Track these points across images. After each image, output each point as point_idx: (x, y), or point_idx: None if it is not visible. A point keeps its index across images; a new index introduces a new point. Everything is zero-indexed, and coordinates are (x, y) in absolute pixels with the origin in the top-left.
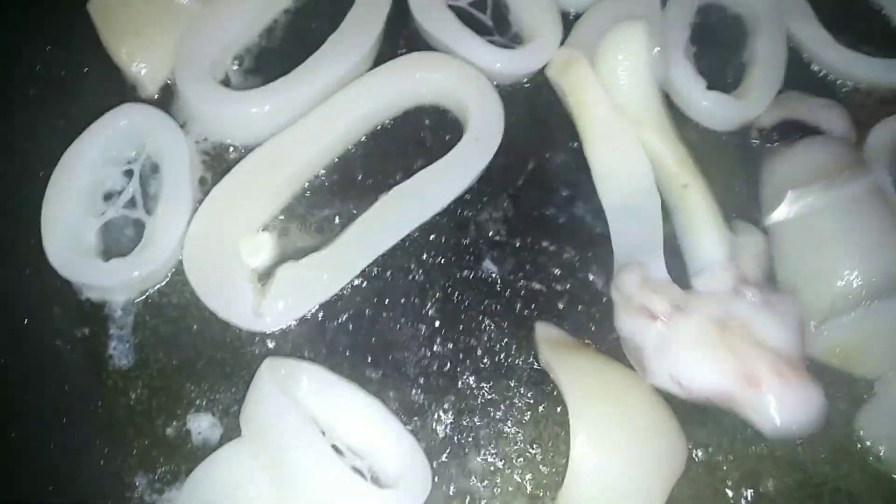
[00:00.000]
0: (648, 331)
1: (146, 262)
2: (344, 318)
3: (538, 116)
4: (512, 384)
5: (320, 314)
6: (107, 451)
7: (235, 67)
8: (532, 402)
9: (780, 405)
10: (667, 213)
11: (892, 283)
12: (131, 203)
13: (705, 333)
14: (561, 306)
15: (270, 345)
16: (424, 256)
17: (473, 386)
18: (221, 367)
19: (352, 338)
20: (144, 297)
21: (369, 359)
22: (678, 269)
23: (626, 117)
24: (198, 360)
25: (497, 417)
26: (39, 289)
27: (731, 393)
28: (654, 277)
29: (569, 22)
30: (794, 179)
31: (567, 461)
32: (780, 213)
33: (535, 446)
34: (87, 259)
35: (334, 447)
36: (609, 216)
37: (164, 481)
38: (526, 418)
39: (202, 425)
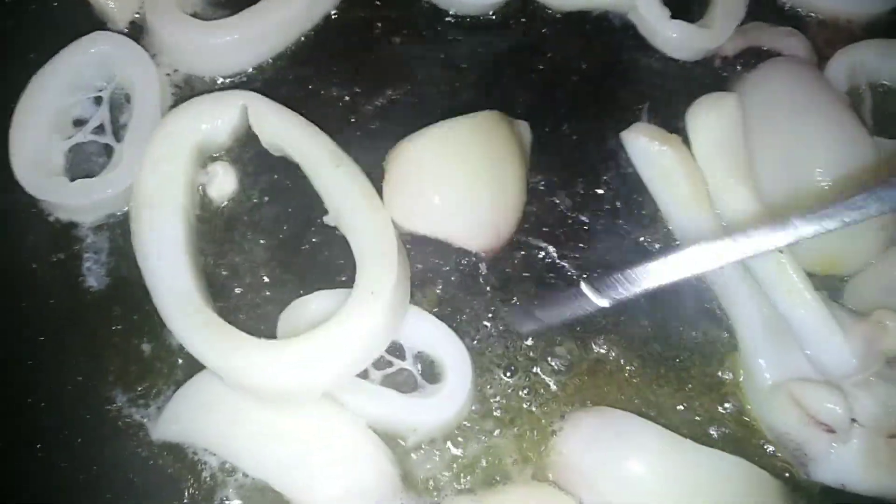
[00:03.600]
0: (818, 438)
1: (112, 184)
2: None
3: (507, 46)
4: None
5: None
6: (85, 369)
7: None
8: None
9: None
10: None
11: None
12: (100, 129)
13: (876, 450)
14: (528, 226)
15: None
16: None
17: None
18: None
19: None
20: (118, 220)
21: None
22: None
23: (717, 175)
24: None
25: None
26: (13, 216)
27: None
28: (812, 378)
29: None
30: (759, 100)
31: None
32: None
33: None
34: (55, 178)
35: None
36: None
37: (145, 396)
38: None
39: (177, 343)
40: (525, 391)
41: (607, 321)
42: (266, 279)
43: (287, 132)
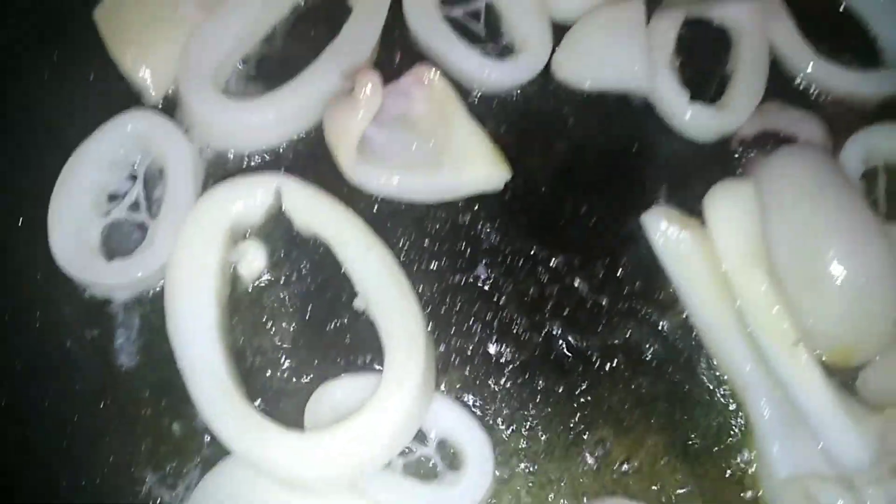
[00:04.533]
0: None
1: (147, 263)
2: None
3: (528, 126)
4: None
5: None
6: (116, 448)
7: (237, 73)
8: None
9: None
10: None
11: (874, 274)
12: (135, 206)
13: None
14: (547, 310)
15: None
16: (419, 262)
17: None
18: None
19: None
20: (150, 297)
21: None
22: None
23: (735, 263)
24: None
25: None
26: (49, 291)
27: None
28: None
29: (559, 32)
30: (775, 187)
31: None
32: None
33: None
34: (92, 257)
35: None
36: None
37: (175, 476)
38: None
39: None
40: (544, 479)
41: (622, 411)
42: (293, 359)
43: (320, 215)
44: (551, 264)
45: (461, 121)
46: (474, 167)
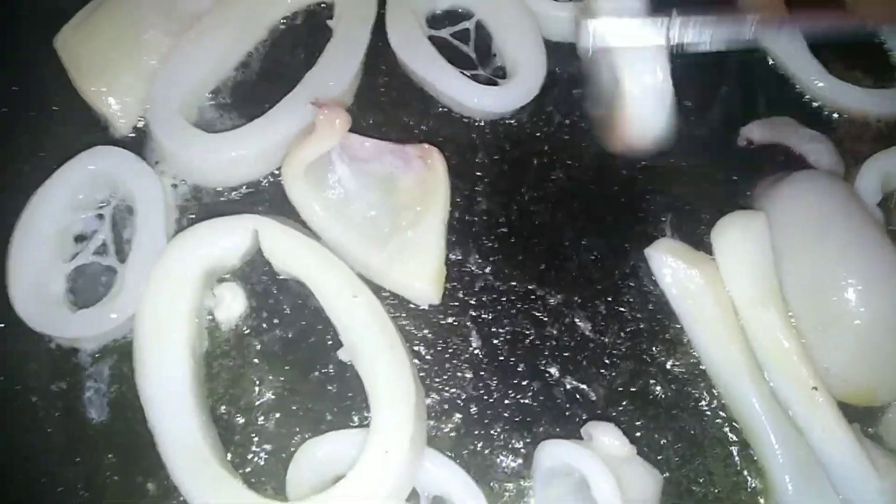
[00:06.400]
0: None
1: (115, 313)
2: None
3: (522, 154)
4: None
5: None
6: None
7: (211, 103)
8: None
9: None
10: None
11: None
12: (103, 248)
13: None
14: (546, 352)
15: None
16: (409, 303)
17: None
18: None
19: None
20: (120, 345)
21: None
22: None
23: (747, 302)
24: None
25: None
26: (11, 342)
27: None
28: None
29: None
30: (787, 218)
31: None
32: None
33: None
34: (56, 309)
35: None
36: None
37: None
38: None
39: None
40: None
41: None
42: (275, 412)
43: (301, 258)
44: (550, 303)
45: (433, 222)
46: (412, 273)
